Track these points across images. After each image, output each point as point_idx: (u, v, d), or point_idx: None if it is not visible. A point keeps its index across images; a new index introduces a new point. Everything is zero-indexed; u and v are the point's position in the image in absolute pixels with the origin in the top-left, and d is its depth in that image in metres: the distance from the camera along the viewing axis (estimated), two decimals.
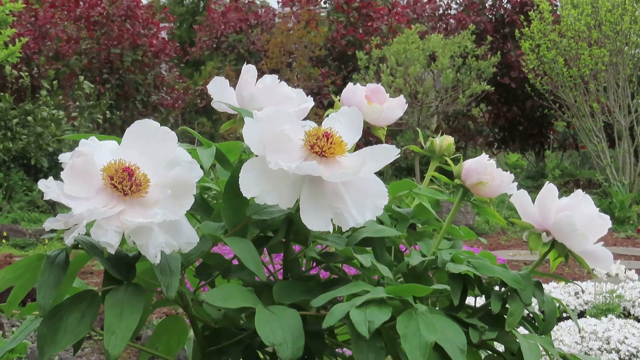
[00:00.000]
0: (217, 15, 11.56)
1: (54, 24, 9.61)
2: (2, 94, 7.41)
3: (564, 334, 2.54)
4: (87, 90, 8.20)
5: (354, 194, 0.70)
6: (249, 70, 0.87)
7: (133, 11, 9.72)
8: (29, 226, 6.44)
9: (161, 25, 10.47)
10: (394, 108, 0.95)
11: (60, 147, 7.32)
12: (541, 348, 0.78)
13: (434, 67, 8.44)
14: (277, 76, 0.86)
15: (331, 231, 0.70)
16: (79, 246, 0.69)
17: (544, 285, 0.84)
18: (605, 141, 8.34)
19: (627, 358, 2.43)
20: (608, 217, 0.80)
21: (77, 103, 8.31)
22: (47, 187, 0.63)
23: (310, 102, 0.86)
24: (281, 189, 0.70)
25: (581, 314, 3.13)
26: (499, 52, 9.01)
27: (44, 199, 0.66)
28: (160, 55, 9.99)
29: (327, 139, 0.70)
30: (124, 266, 0.70)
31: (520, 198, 0.83)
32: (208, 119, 11.82)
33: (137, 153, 0.67)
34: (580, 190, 0.80)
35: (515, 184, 0.87)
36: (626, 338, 2.48)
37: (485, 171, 0.86)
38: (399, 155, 0.70)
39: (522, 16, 9.11)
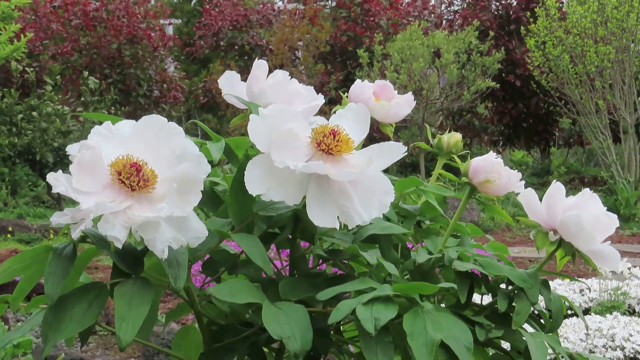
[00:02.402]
0: (215, 13, 11.52)
1: (56, 19, 9.58)
2: (7, 89, 7.42)
3: (568, 331, 2.54)
4: (91, 85, 8.20)
5: (360, 191, 0.70)
6: (260, 66, 0.86)
7: (129, 8, 9.67)
8: (34, 221, 6.46)
9: (157, 19, 10.37)
10: (402, 105, 0.94)
11: (65, 142, 7.32)
12: (548, 346, 0.78)
13: (438, 64, 8.41)
14: (287, 72, 0.85)
15: (338, 228, 0.69)
16: (87, 240, 0.69)
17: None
18: (611, 138, 8.31)
19: (632, 355, 2.42)
20: (615, 216, 0.80)
21: (83, 99, 8.31)
22: (56, 181, 0.63)
23: (320, 100, 0.85)
24: (287, 186, 0.69)
25: (586, 311, 3.13)
26: (503, 49, 8.97)
27: (52, 191, 0.65)
28: (159, 48, 9.87)
29: (334, 137, 0.69)
30: (132, 259, 0.70)
31: (527, 196, 0.83)
32: (213, 116, 11.81)
33: (145, 148, 0.67)
34: (587, 189, 0.80)
35: (523, 182, 0.86)
36: (631, 335, 2.47)
37: (493, 169, 0.85)
38: (406, 153, 0.70)
39: (528, 12, 9.07)
